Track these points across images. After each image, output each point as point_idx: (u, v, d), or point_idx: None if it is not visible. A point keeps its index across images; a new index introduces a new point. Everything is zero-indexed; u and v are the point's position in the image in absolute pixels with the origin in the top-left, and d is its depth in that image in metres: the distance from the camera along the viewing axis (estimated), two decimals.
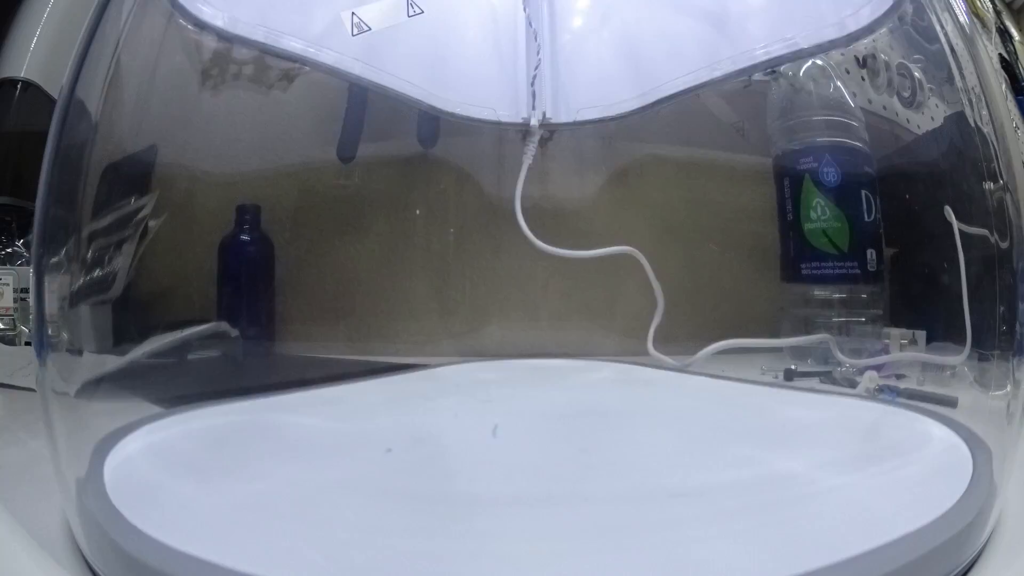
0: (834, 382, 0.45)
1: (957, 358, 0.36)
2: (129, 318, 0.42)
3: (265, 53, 0.48)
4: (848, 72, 0.50)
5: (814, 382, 0.46)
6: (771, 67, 0.51)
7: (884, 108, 0.50)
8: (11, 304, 0.62)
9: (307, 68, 0.50)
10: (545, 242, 0.47)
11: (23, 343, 0.61)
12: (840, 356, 0.46)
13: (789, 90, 0.52)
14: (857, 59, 0.50)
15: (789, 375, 0.46)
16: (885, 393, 0.39)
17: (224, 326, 0.50)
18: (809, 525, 0.19)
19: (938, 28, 0.38)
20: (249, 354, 0.51)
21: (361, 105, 0.52)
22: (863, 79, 0.50)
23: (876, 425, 0.32)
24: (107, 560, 0.19)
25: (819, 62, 0.51)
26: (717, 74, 0.50)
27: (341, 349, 0.56)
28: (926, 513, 0.19)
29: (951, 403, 0.34)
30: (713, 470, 0.24)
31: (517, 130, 0.49)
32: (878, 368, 0.43)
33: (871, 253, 0.50)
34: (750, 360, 0.49)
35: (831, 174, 0.51)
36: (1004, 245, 0.31)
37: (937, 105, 0.45)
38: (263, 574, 0.16)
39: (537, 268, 0.28)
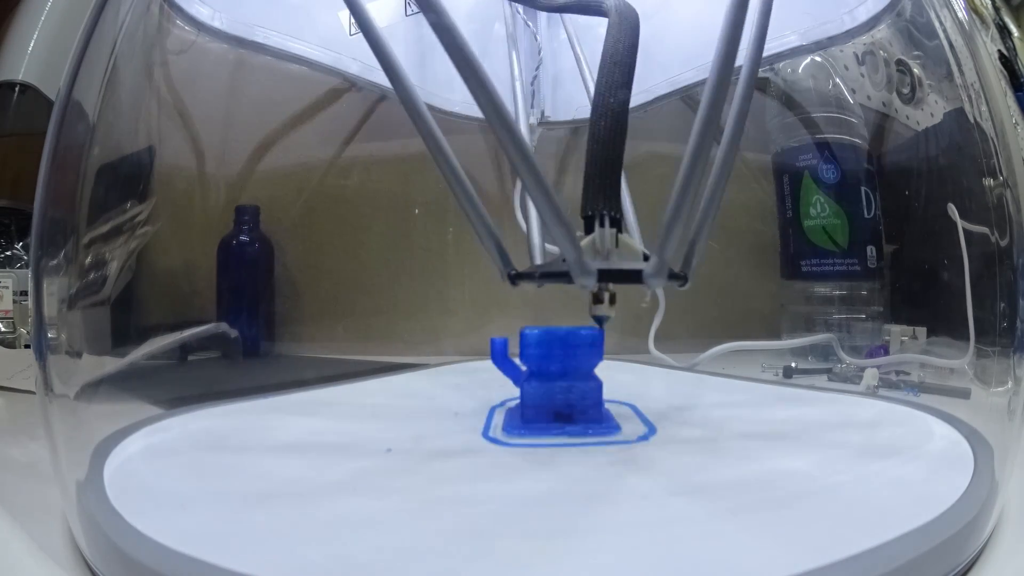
0: (834, 379, 0.45)
1: (962, 360, 0.36)
2: (128, 320, 0.42)
3: (263, 53, 0.48)
4: (847, 68, 0.50)
5: (815, 379, 0.46)
6: (770, 64, 0.50)
7: (883, 104, 0.50)
8: (10, 307, 0.62)
9: (306, 68, 0.50)
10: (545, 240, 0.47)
11: (22, 346, 0.61)
12: (842, 354, 0.46)
13: (788, 87, 0.52)
14: (856, 55, 0.50)
15: (788, 372, 0.46)
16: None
17: (224, 327, 0.50)
18: (809, 523, 0.19)
19: (937, 24, 0.37)
20: (249, 354, 0.51)
21: None
22: (862, 75, 0.50)
23: (876, 422, 0.32)
24: (107, 562, 0.19)
25: (818, 59, 0.51)
26: None
27: (341, 349, 0.56)
28: (927, 511, 0.19)
29: (964, 395, 0.35)
30: (712, 468, 0.24)
31: None
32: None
33: (871, 250, 0.50)
34: (750, 357, 0.49)
35: (830, 171, 0.51)
36: (1004, 241, 0.31)
37: (936, 101, 0.45)
38: (263, 574, 0.16)
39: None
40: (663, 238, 0.22)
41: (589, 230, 0.24)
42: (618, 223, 0.24)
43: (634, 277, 0.23)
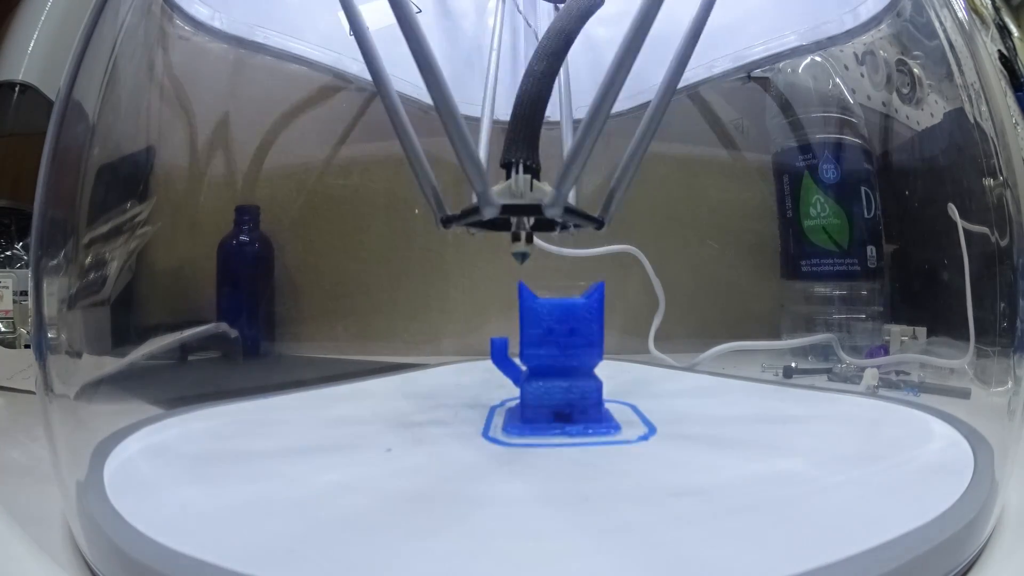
0: (834, 379, 0.45)
1: (962, 360, 0.36)
2: (128, 320, 0.42)
3: (263, 53, 0.48)
4: (847, 68, 0.50)
5: (815, 379, 0.46)
6: (770, 64, 0.50)
7: (883, 104, 0.50)
8: (10, 307, 0.62)
9: (306, 68, 0.50)
10: (545, 241, 0.47)
11: (22, 346, 0.61)
12: (842, 354, 0.46)
13: (788, 87, 0.52)
14: (856, 55, 0.50)
15: (788, 372, 0.46)
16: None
17: (224, 327, 0.50)
18: (809, 523, 0.19)
19: (937, 24, 0.37)
20: (249, 354, 0.51)
21: None
22: (862, 75, 0.50)
23: (876, 422, 0.32)
24: (107, 562, 0.19)
25: (818, 59, 0.51)
26: (716, 72, 0.50)
27: (341, 349, 0.56)
28: (927, 511, 0.19)
29: (964, 395, 0.35)
30: (712, 468, 0.24)
31: None
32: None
33: (871, 250, 0.50)
34: (750, 357, 0.49)
35: (830, 171, 0.51)
36: (1004, 241, 0.31)
37: (936, 101, 0.45)
38: (263, 574, 0.16)
39: (537, 267, 0.29)
40: (561, 173, 0.24)
41: (509, 177, 0.26)
42: (532, 171, 0.26)
43: (535, 210, 0.26)
